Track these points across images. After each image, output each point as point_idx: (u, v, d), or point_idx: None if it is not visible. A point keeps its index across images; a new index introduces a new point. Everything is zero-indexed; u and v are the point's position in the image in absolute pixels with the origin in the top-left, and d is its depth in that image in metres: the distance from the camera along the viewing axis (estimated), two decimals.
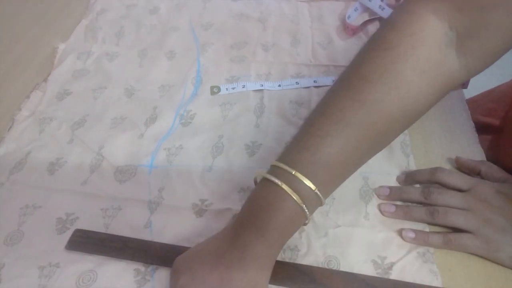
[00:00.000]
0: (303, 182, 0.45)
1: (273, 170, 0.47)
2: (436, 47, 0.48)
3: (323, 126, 0.48)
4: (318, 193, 0.45)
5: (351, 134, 0.47)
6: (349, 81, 0.50)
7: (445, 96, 0.52)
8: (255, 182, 0.50)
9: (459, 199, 0.52)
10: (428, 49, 0.47)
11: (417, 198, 0.55)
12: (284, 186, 0.45)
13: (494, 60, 0.49)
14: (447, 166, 0.60)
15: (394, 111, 0.47)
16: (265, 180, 0.47)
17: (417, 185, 0.57)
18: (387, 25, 0.51)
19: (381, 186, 0.58)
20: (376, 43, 0.50)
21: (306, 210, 0.45)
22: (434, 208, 0.52)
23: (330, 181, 0.48)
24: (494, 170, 0.56)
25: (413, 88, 0.47)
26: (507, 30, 0.46)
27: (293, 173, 0.45)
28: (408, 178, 0.58)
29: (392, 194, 0.57)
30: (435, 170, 0.56)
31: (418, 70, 0.47)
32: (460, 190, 0.53)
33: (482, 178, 0.56)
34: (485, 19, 0.46)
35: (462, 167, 0.59)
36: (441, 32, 0.48)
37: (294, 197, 0.44)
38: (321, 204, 0.47)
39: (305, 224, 0.48)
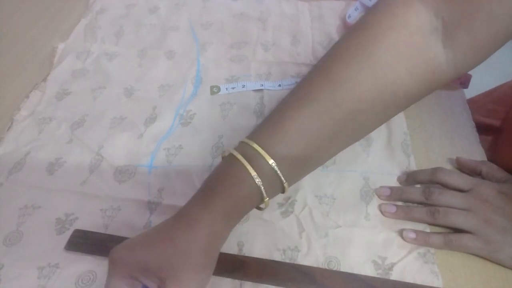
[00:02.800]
0: (260, 154, 0.44)
1: (238, 145, 0.47)
2: (418, 32, 0.45)
3: (288, 102, 0.47)
4: (276, 167, 0.44)
5: (315, 111, 0.45)
6: (323, 61, 0.49)
7: (432, 91, 0.50)
8: (222, 158, 0.48)
9: (460, 199, 0.52)
10: (408, 33, 0.45)
11: (418, 198, 0.54)
12: (239, 156, 0.44)
13: (485, 56, 0.46)
14: (448, 166, 0.60)
15: (365, 92, 0.45)
16: (229, 154, 0.46)
17: (418, 186, 0.57)
18: (371, 7, 0.50)
19: (381, 187, 0.58)
20: (356, 24, 0.49)
21: (260, 185, 0.43)
22: (435, 209, 0.52)
23: (291, 159, 0.45)
24: (495, 170, 0.56)
25: (389, 71, 0.45)
26: (499, 21, 0.43)
27: (251, 144, 0.44)
28: (409, 178, 0.58)
29: (393, 195, 0.56)
30: (436, 170, 0.55)
31: (395, 52, 0.45)
32: (461, 190, 0.53)
33: (483, 178, 0.56)
34: (474, 7, 0.43)
35: (463, 167, 0.59)
36: (426, 18, 0.45)
37: (247, 167, 0.43)
38: (282, 186, 0.46)
39: (260, 208, 0.47)
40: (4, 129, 0.67)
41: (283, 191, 0.47)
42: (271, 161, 0.44)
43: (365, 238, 0.53)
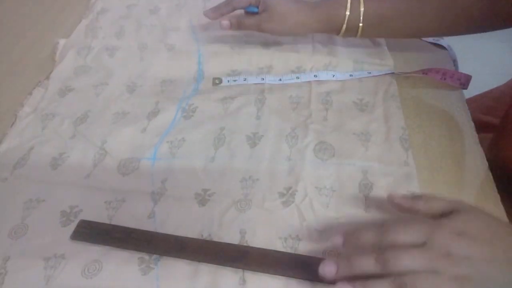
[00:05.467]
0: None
1: None
2: None
3: None
4: (362, 11, 0.68)
5: None
6: None
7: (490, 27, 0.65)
8: None
9: (422, 261, 0.43)
10: None
11: (373, 269, 0.44)
12: None
13: None
14: (447, 166, 0.60)
15: None
16: None
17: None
18: None
19: (325, 261, 0.46)
20: None
21: (348, 14, 0.68)
22: (401, 283, 0.43)
23: (373, 13, 0.68)
24: (433, 203, 0.49)
25: None
26: None
27: None
28: (350, 241, 0.48)
29: (341, 270, 0.45)
30: (382, 232, 0.46)
31: None
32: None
33: (423, 214, 0.49)
34: None
35: (397, 207, 0.51)
36: None
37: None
38: (357, 28, 0.69)
39: (338, 31, 0.71)
40: (7, 125, 0.68)
41: (356, 34, 0.70)
42: (362, 8, 0.68)
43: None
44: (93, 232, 0.53)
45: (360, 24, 0.69)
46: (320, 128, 0.65)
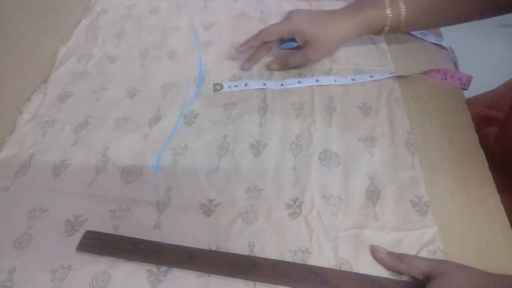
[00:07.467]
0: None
1: None
2: None
3: None
4: (403, 9, 0.67)
5: None
6: None
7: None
8: None
9: None
10: None
11: None
12: None
13: None
14: (447, 166, 0.60)
15: None
16: None
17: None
18: None
19: None
20: None
21: (390, 14, 0.68)
22: None
23: (413, 11, 0.68)
24: (414, 265, 0.49)
25: None
26: None
27: None
28: None
29: None
30: None
31: None
32: None
33: (406, 274, 0.50)
34: None
35: (379, 260, 0.51)
36: None
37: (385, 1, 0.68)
38: (399, 26, 0.69)
39: (380, 32, 0.71)
40: (6, 132, 0.67)
41: (397, 31, 0.71)
42: (402, 4, 0.67)
43: (375, 239, 0.53)
44: (100, 243, 0.53)
45: (403, 20, 0.68)
46: (324, 135, 0.65)
